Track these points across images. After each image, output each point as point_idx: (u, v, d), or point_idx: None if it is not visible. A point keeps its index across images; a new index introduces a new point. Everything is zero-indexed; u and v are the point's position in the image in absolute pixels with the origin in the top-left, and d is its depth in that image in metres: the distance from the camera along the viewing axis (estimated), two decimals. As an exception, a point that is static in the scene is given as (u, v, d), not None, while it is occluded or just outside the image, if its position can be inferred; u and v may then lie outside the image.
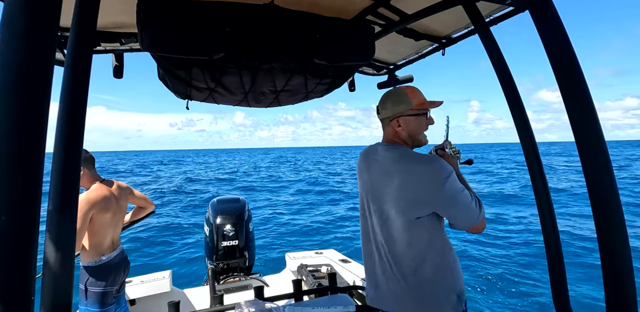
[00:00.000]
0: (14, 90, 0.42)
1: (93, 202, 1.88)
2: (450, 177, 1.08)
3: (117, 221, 2.09)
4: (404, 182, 1.12)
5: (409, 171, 1.13)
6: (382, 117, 1.26)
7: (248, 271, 3.06)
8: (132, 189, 2.27)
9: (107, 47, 1.56)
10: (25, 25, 0.43)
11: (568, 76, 0.82)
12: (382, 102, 1.26)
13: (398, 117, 1.21)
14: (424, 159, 1.14)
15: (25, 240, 0.43)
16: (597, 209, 0.80)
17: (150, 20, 1.09)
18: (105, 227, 1.97)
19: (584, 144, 0.81)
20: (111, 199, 2.00)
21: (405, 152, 1.18)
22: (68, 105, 0.68)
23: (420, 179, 1.10)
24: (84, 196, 1.88)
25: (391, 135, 1.25)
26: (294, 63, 1.38)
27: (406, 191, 1.12)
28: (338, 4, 1.33)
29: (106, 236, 1.99)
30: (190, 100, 1.54)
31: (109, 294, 1.97)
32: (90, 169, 2.01)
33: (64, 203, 0.64)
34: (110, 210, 1.99)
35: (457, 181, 1.10)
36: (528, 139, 1.17)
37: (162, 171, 33.53)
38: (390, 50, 1.87)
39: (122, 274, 2.09)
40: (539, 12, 0.86)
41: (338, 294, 2.11)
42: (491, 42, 1.18)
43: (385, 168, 1.17)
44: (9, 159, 0.42)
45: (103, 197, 1.94)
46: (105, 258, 1.96)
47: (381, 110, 1.25)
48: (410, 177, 1.12)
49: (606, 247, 0.80)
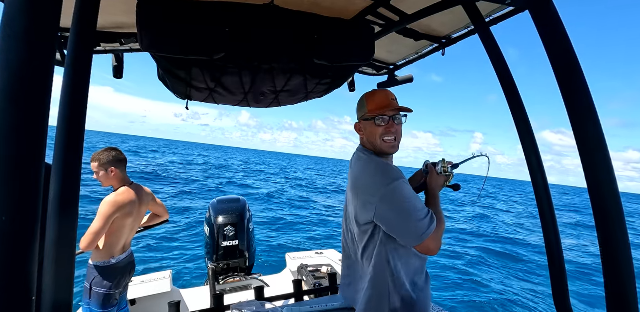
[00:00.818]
0: (15, 90, 0.42)
1: (120, 206, 1.90)
2: (395, 183, 1.00)
3: (134, 226, 2.11)
4: (356, 187, 1.11)
5: (361, 174, 1.12)
6: (357, 122, 1.24)
7: (248, 271, 3.06)
8: (154, 196, 2.29)
9: (107, 48, 1.56)
10: (25, 26, 0.43)
11: (568, 76, 0.82)
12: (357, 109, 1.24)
13: (358, 123, 1.22)
14: (374, 161, 1.11)
15: (25, 240, 0.43)
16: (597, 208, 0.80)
17: (150, 20, 1.09)
18: (122, 231, 1.99)
19: (584, 142, 0.81)
20: (135, 204, 2.02)
21: (363, 155, 1.17)
22: (68, 105, 0.68)
23: (364, 181, 1.09)
24: (113, 198, 1.91)
25: (362, 140, 1.24)
26: (294, 63, 1.38)
27: (357, 195, 1.09)
28: (338, 4, 1.33)
29: (121, 239, 2.00)
30: (190, 101, 1.55)
31: (112, 296, 1.97)
32: (122, 171, 2.03)
33: (64, 203, 0.64)
34: (132, 215, 2.01)
35: (405, 189, 1.01)
36: (528, 138, 1.17)
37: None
38: (390, 50, 1.87)
39: (128, 277, 2.11)
40: (539, 12, 0.86)
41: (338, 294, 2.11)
42: (491, 42, 1.18)
43: (352, 172, 1.20)
44: (9, 159, 0.42)
45: (129, 201, 1.97)
46: (114, 260, 1.98)
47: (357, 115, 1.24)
48: (360, 179, 1.11)
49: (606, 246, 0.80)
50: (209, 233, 3.01)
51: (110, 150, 2.01)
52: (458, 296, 5.48)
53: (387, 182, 1.01)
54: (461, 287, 5.92)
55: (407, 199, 1.00)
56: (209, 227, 3.03)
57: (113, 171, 1.98)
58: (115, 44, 1.52)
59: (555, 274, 1.13)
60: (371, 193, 1.03)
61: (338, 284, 2.24)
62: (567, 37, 0.83)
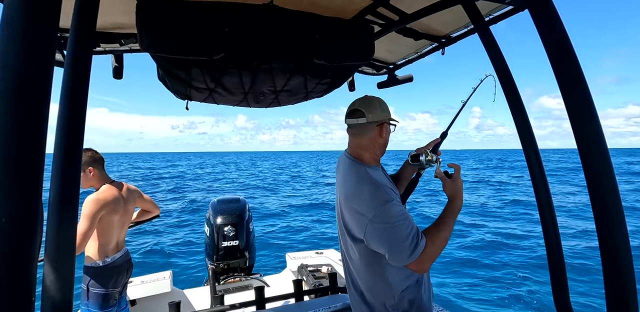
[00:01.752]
0: (14, 91, 0.42)
1: (103, 203, 1.89)
2: (387, 205, 1.00)
3: (124, 223, 2.09)
4: (345, 203, 1.10)
5: (349, 191, 1.10)
6: (368, 121, 1.13)
7: (248, 271, 3.07)
8: (141, 193, 2.28)
9: (107, 48, 1.56)
10: (24, 26, 0.43)
11: (567, 74, 0.82)
12: (367, 105, 1.14)
13: (383, 124, 1.15)
14: (363, 183, 1.08)
15: (25, 241, 0.42)
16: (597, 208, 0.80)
17: (149, 20, 1.09)
18: (111, 229, 1.97)
19: (584, 141, 0.81)
20: (120, 200, 2.01)
21: (354, 171, 1.13)
22: (68, 106, 0.68)
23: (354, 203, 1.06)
24: (94, 197, 1.89)
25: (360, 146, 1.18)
26: (294, 63, 1.38)
27: (346, 212, 1.10)
28: (337, 4, 1.33)
29: (112, 237, 1.99)
30: (190, 101, 1.54)
31: (111, 296, 1.96)
32: (100, 170, 2.02)
33: (64, 204, 0.64)
34: (119, 212, 2.00)
35: (395, 211, 1.00)
36: (528, 138, 1.17)
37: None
38: (390, 49, 1.87)
39: (125, 276, 2.09)
40: (539, 11, 0.86)
41: (338, 294, 2.11)
42: (491, 41, 1.18)
43: (339, 183, 1.18)
44: (9, 160, 0.42)
45: (113, 198, 1.95)
46: (109, 260, 1.96)
47: (367, 114, 1.13)
48: (349, 199, 1.08)
49: (606, 246, 0.80)
50: (209, 233, 3.01)
51: (85, 151, 1.96)
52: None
53: (378, 204, 1.01)
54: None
55: (397, 222, 0.99)
56: (209, 227, 3.03)
57: (92, 171, 1.96)
58: (114, 45, 1.52)
59: (555, 272, 1.13)
60: (363, 212, 1.03)
61: (338, 284, 2.24)
62: (567, 36, 0.83)
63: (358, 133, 1.17)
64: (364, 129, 1.16)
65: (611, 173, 0.79)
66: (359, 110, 1.15)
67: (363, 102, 1.16)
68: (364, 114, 1.13)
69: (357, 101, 1.18)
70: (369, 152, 1.18)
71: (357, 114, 1.15)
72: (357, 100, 1.18)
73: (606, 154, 0.80)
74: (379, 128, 1.15)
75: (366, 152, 1.18)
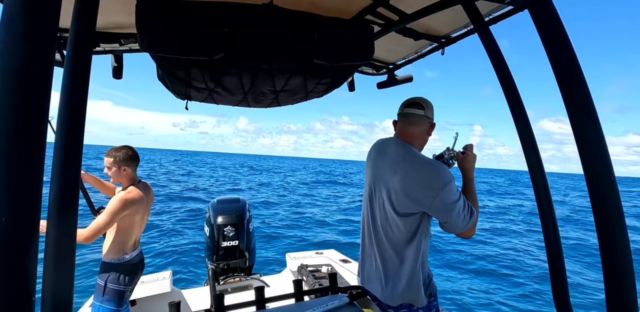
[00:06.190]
0: (14, 91, 0.42)
1: (130, 204, 1.94)
2: (449, 185, 1.13)
3: (143, 222, 2.15)
4: (406, 180, 1.18)
5: (413, 170, 1.18)
6: (423, 115, 1.29)
7: (248, 272, 3.06)
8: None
9: (107, 48, 1.56)
10: (24, 26, 0.43)
11: (568, 75, 0.82)
12: (425, 103, 1.31)
13: (433, 124, 1.33)
14: (430, 163, 1.20)
15: (25, 241, 0.42)
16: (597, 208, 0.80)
17: (149, 20, 1.09)
18: (133, 227, 2.03)
19: (584, 140, 0.81)
20: (144, 201, 2.06)
21: (414, 152, 1.24)
22: (68, 106, 0.68)
23: (421, 181, 1.16)
24: (123, 196, 1.94)
25: (413, 134, 1.31)
26: (293, 63, 1.37)
27: (405, 189, 1.18)
28: (337, 4, 1.33)
29: (132, 235, 2.05)
30: (190, 101, 1.54)
31: (124, 294, 1.99)
32: (133, 170, 2.07)
33: (64, 203, 0.64)
34: (141, 212, 2.05)
35: (454, 189, 1.15)
36: (528, 138, 1.17)
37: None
38: (390, 49, 1.87)
39: (139, 274, 2.13)
40: (538, 11, 0.86)
41: (339, 294, 2.11)
42: (490, 41, 1.18)
43: (393, 163, 1.24)
44: (9, 159, 0.42)
45: (139, 199, 2.01)
46: (128, 257, 2.02)
47: (427, 110, 1.29)
48: (412, 176, 1.17)
49: (606, 246, 0.80)
50: (208, 233, 3.01)
51: (126, 148, 2.05)
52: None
53: (444, 183, 1.13)
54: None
55: (458, 199, 1.15)
56: (208, 228, 3.03)
57: (125, 170, 2.03)
58: (114, 45, 1.52)
59: (555, 274, 1.13)
60: (434, 187, 1.14)
61: (338, 284, 2.23)
62: (566, 36, 0.83)
63: (414, 122, 1.31)
64: (420, 120, 1.30)
65: (611, 173, 0.79)
66: (419, 103, 1.30)
67: (422, 99, 1.32)
68: (423, 107, 1.29)
69: (416, 97, 1.33)
70: (418, 142, 1.31)
71: (417, 106, 1.30)
72: (415, 97, 1.34)
73: (606, 154, 0.80)
74: (429, 125, 1.32)
75: (416, 141, 1.31)
